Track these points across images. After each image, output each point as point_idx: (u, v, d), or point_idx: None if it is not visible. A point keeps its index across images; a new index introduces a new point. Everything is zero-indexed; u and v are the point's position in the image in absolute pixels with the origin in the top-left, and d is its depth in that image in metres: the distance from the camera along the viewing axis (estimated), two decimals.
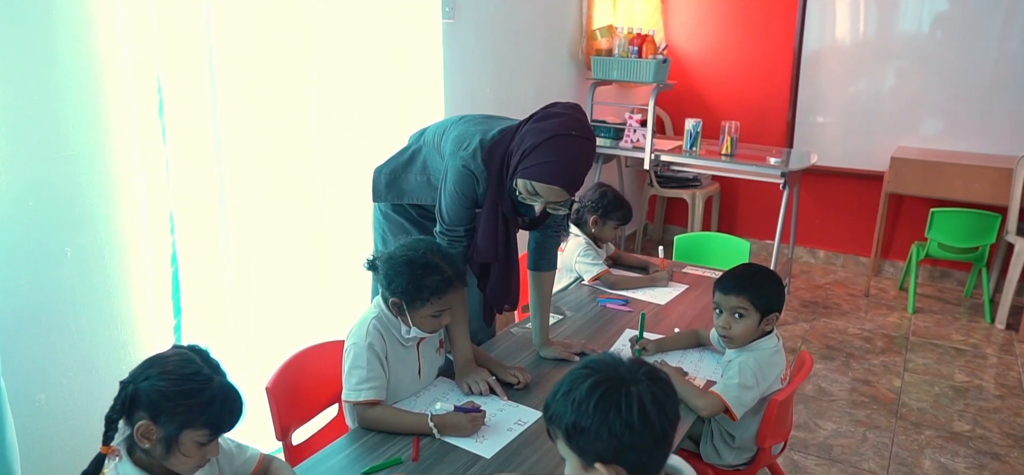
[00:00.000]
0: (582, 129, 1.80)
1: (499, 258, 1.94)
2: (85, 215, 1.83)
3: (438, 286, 1.71)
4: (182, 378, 1.25)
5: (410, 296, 1.72)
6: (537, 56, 3.82)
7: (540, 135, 1.77)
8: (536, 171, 1.75)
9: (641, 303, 2.58)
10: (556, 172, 1.74)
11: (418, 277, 1.71)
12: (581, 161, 1.78)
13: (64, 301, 1.82)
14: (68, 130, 1.77)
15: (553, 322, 2.39)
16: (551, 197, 1.78)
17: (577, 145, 1.77)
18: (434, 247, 1.77)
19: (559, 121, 1.79)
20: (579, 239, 2.80)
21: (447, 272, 1.73)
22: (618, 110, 4.53)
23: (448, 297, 1.74)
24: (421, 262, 1.72)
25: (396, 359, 1.82)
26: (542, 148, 1.75)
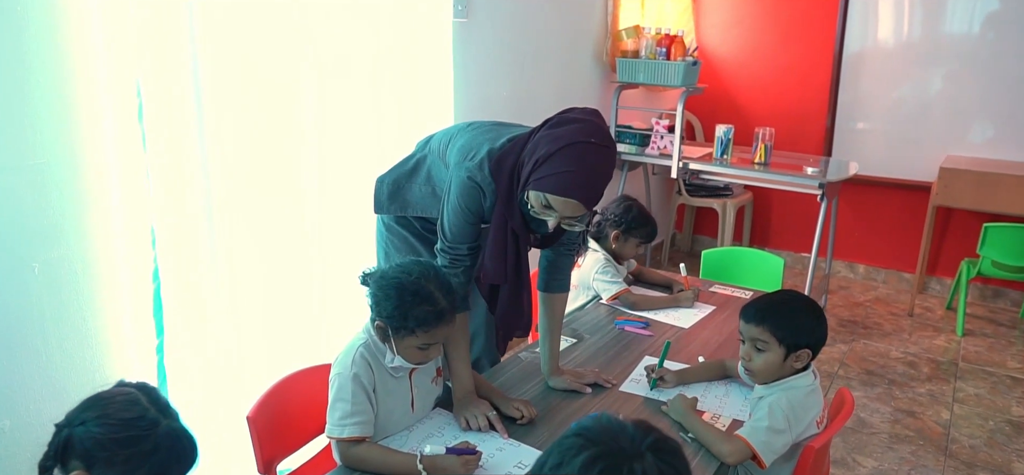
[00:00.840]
0: (602, 137, 1.61)
1: (508, 279, 1.75)
2: (55, 228, 1.70)
3: (426, 318, 1.54)
4: (122, 423, 1.10)
5: (396, 323, 1.56)
6: (558, 58, 3.63)
7: (555, 143, 1.58)
8: (550, 182, 1.57)
9: (663, 325, 2.37)
10: (572, 184, 1.56)
11: (406, 305, 1.54)
12: (600, 172, 1.60)
13: (31, 320, 1.69)
14: (36, 136, 1.64)
15: (566, 346, 2.20)
16: (566, 212, 1.60)
17: (596, 154, 1.58)
18: (431, 272, 1.60)
19: (576, 128, 1.60)
20: (598, 255, 2.61)
21: (440, 304, 1.56)
22: (645, 115, 4.32)
23: (437, 331, 1.57)
24: (412, 289, 1.55)
25: (386, 391, 1.66)
26: (557, 157, 1.57)
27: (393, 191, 2.02)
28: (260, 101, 2.08)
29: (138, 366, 1.91)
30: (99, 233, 1.78)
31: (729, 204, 4.58)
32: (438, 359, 1.79)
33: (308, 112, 2.23)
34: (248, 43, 2.02)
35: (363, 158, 2.40)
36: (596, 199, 1.61)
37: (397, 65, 2.53)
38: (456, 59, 2.85)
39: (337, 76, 2.31)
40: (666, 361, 2.01)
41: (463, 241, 1.76)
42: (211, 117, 1.95)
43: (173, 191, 1.89)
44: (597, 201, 1.63)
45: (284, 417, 1.79)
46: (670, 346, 2.00)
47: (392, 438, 1.68)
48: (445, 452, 1.52)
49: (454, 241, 1.76)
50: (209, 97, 1.93)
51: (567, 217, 1.61)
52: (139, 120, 1.78)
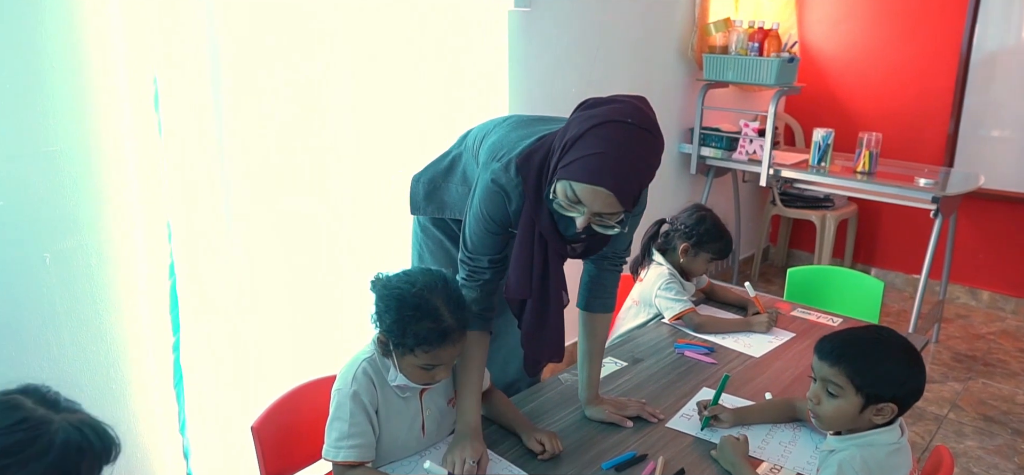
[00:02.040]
0: (641, 118, 1.35)
1: (533, 293, 1.53)
2: (68, 217, 1.64)
3: (427, 336, 1.36)
4: (3, 431, 0.99)
5: (396, 338, 1.39)
6: (635, 52, 3.36)
7: (585, 123, 1.35)
8: (576, 168, 1.33)
9: (730, 353, 2.08)
10: (600, 168, 1.30)
11: (406, 319, 1.37)
12: (637, 158, 1.33)
13: (42, 313, 1.64)
14: (50, 123, 1.59)
15: (613, 370, 1.97)
16: (595, 205, 1.34)
17: (633, 136, 1.32)
18: (439, 284, 1.41)
19: (611, 108, 1.36)
20: (663, 269, 2.34)
21: (445, 321, 1.37)
22: (735, 117, 3.97)
23: (441, 351, 1.39)
24: (413, 301, 1.37)
25: (392, 411, 1.49)
26: (586, 138, 1.33)
27: (429, 191, 1.85)
28: (287, 93, 1.97)
29: (154, 366, 1.84)
30: (115, 225, 1.72)
31: (829, 217, 4.14)
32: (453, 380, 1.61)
33: (341, 105, 2.10)
34: (274, 29, 1.91)
35: (401, 156, 2.24)
36: (632, 191, 1.35)
37: (443, 56, 2.37)
38: (513, 51, 2.65)
39: (374, 66, 2.17)
40: (725, 396, 1.73)
41: (484, 252, 1.55)
42: (231, 108, 1.85)
43: (191, 184, 1.80)
44: (634, 195, 1.36)
45: (292, 430, 1.66)
46: (728, 380, 1.72)
47: (399, 464, 1.51)
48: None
49: (474, 252, 1.56)
50: (229, 87, 1.84)
51: (598, 214, 1.36)
52: (156, 109, 1.70)
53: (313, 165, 2.07)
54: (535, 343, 1.61)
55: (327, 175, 2.11)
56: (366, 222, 2.25)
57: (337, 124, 2.11)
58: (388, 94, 2.23)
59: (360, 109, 2.17)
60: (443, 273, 1.46)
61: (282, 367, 2.06)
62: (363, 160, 2.19)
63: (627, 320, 2.45)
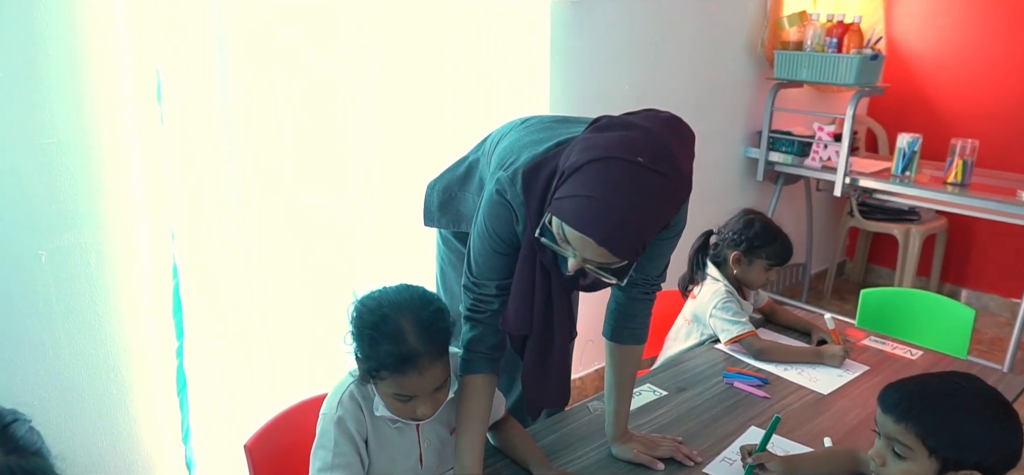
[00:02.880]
0: (655, 158, 1.10)
1: (533, 329, 1.33)
2: (65, 213, 1.56)
3: (389, 360, 1.18)
4: None
5: (365, 363, 1.23)
6: (698, 47, 3.10)
7: (586, 152, 1.14)
8: (566, 207, 1.13)
9: (788, 386, 1.83)
10: (590, 216, 1.09)
11: (370, 339, 1.21)
12: (641, 207, 1.09)
13: (37, 312, 1.57)
14: (47, 113, 1.51)
15: (651, 399, 1.76)
16: (586, 253, 1.14)
17: (639, 180, 1.09)
18: (415, 303, 1.23)
19: (622, 137, 1.13)
20: (718, 286, 2.10)
21: (408, 345, 1.18)
22: (809, 120, 3.64)
23: (408, 380, 1.21)
24: (372, 321, 1.20)
25: (384, 441, 1.33)
26: (582, 174, 1.12)
27: (444, 200, 1.68)
28: (303, 86, 1.84)
29: (158, 370, 1.75)
30: (115, 222, 1.63)
31: (914, 231, 3.75)
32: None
33: (361, 102, 1.96)
34: (290, 18, 1.78)
35: (426, 159, 2.07)
36: (629, 246, 1.11)
37: (476, 50, 2.19)
38: (556, 45, 2.45)
39: (398, 60, 2.01)
40: (776, 437, 1.50)
41: (491, 277, 1.34)
42: (239, 101, 1.74)
43: (195, 182, 1.70)
44: (634, 248, 1.12)
45: (288, 451, 1.53)
46: (779, 422, 1.48)
47: None
48: None
49: (480, 276, 1.35)
50: (238, 78, 1.72)
51: (589, 260, 1.16)
52: (157, 100, 1.60)
53: (329, 165, 1.94)
54: (535, 386, 1.41)
55: (344, 176, 1.97)
56: (386, 229, 2.10)
57: (357, 122, 1.97)
58: (413, 91, 2.07)
59: (382, 106, 2.02)
60: (423, 292, 1.27)
61: (292, 376, 1.94)
62: (384, 162, 2.05)
63: (677, 341, 2.22)
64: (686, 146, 1.18)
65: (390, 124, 2.04)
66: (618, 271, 1.20)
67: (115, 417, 1.71)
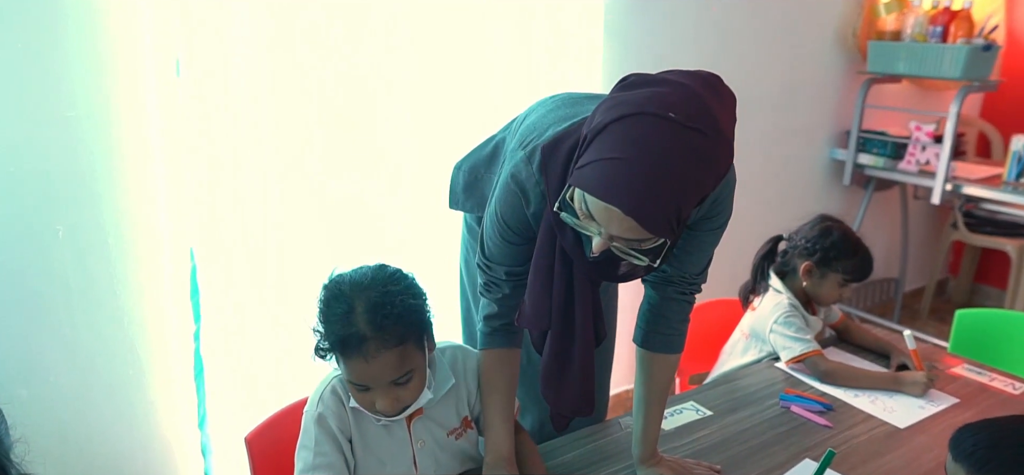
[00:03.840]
0: (692, 112, 0.94)
1: (553, 325, 1.18)
2: (84, 189, 1.54)
3: (333, 340, 1.09)
4: None
5: (324, 343, 1.13)
6: (781, 37, 2.83)
7: (612, 111, 0.97)
8: (588, 174, 0.97)
9: (855, 414, 1.60)
10: (615, 180, 0.93)
11: (323, 316, 1.12)
12: (676, 170, 0.93)
13: (54, 288, 1.55)
14: (68, 86, 1.49)
15: (694, 419, 1.57)
16: (612, 228, 0.97)
17: (673, 138, 0.92)
18: (379, 282, 1.12)
19: (653, 93, 0.96)
20: (781, 298, 1.87)
21: (352, 326, 1.07)
22: (906, 118, 3.28)
23: (354, 364, 1.10)
24: (327, 297, 1.12)
25: (370, 439, 1.22)
26: (607, 134, 0.96)
27: (470, 182, 1.55)
28: (331, 66, 1.76)
29: (175, 354, 1.71)
30: (134, 201, 1.60)
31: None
32: (463, 406, 1.30)
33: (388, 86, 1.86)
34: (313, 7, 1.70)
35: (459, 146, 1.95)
36: (661, 217, 0.94)
37: (521, 37, 2.04)
38: (611, 29, 2.26)
39: (433, 41, 1.89)
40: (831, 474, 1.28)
41: (500, 262, 1.22)
42: (263, 82, 1.67)
43: (214, 164, 1.65)
44: (668, 221, 0.95)
45: (289, 446, 1.44)
46: (833, 457, 1.26)
47: None
48: None
49: (491, 259, 1.24)
50: (262, 58, 1.65)
51: (616, 237, 0.99)
52: (177, 73, 1.55)
53: (354, 149, 1.85)
54: (556, 390, 1.26)
55: (369, 161, 1.87)
56: (414, 215, 1.99)
57: (388, 104, 1.87)
58: (452, 74, 1.95)
59: (418, 90, 1.91)
60: (394, 273, 1.15)
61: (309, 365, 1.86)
62: (413, 146, 1.94)
63: (733, 356, 2.01)
64: (726, 107, 1.00)
65: (426, 108, 1.93)
66: (651, 252, 1.02)
67: (133, 399, 1.68)
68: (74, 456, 1.62)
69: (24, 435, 0.98)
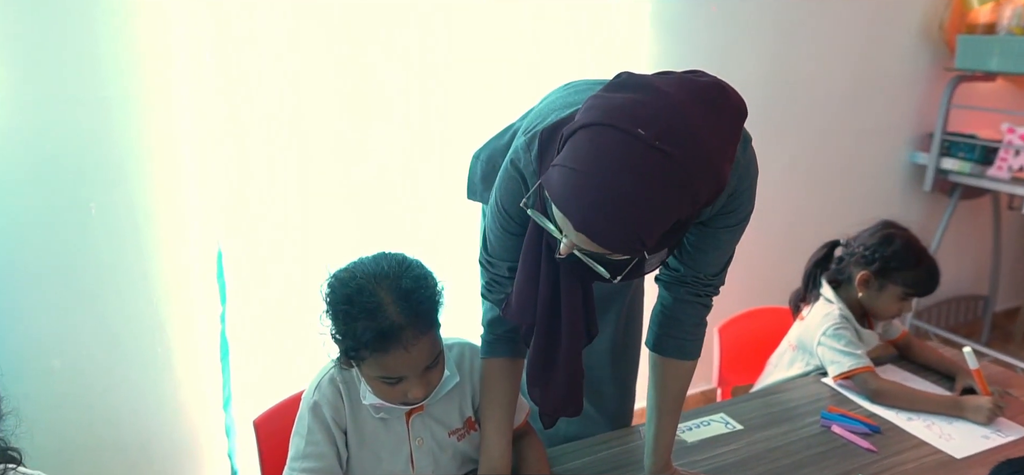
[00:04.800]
0: (665, 133, 0.84)
1: (537, 320, 1.12)
2: (115, 169, 1.59)
3: (368, 338, 1.03)
4: None
5: (343, 344, 1.09)
6: (856, 29, 2.63)
7: (585, 114, 0.91)
8: (551, 177, 0.91)
9: (906, 439, 1.45)
10: (568, 191, 0.88)
11: (345, 316, 1.06)
12: (628, 192, 0.85)
13: (86, 263, 1.60)
14: (102, 68, 1.53)
15: (722, 432, 1.46)
16: (570, 235, 0.92)
17: (635, 158, 0.84)
18: (393, 270, 1.08)
19: (629, 101, 0.88)
20: (832, 309, 1.72)
21: (387, 319, 1.03)
22: (998, 120, 2.99)
23: (391, 359, 1.05)
24: (346, 295, 1.06)
25: (366, 434, 1.19)
26: (573, 140, 0.90)
27: (487, 171, 1.49)
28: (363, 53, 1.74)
29: (202, 335, 1.74)
30: (163, 183, 1.63)
31: None
32: (467, 405, 1.25)
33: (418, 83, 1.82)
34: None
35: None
36: (613, 236, 0.87)
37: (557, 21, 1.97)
38: (658, 16, 2.15)
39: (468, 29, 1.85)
40: None
41: (503, 256, 1.16)
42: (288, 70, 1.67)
43: (240, 152, 1.66)
44: (621, 242, 0.88)
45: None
46: None
47: None
48: None
49: (493, 254, 1.18)
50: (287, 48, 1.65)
51: (578, 246, 0.93)
52: (206, 60, 1.57)
53: (380, 138, 1.82)
54: (540, 388, 1.19)
55: (394, 151, 1.84)
56: (437, 205, 1.94)
57: (411, 97, 1.83)
58: (486, 62, 1.89)
59: (444, 78, 1.86)
60: (402, 258, 1.12)
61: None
62: (439, 136, 1.89)
63: (778, 369, 1.87)
64: (721, 124, 0.90)
65: (457, 100, 1.89)
66: (613, 265, 0.96)
67: (160, 377, 1.72)
68: (103, 430, 1.67)
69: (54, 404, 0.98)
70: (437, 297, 1.11)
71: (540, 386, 1.17)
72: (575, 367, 1.14)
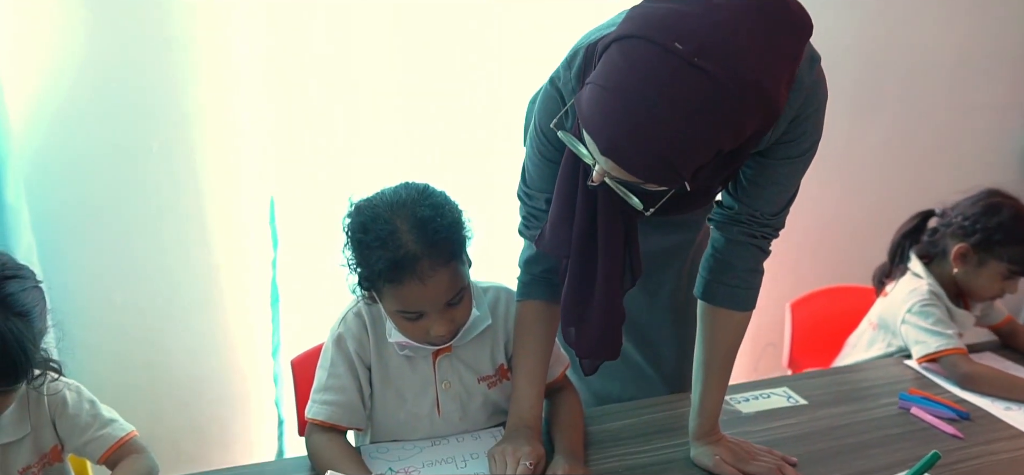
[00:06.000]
0: (706, 49, 0.75)
1: (572, 253, 1.03)
2: (177, 110, 1.61)
3: (382, 266, 0.99)
4: None
5: (360, 275, 1.05)
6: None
7: (622, 26, 0.82)
8: (582, 96, 0.83)
9: (999, 427, 1.28)
10: (596, 111, 0.80)
11: (360, 244, 1.02)
12: (661, 114, 0.76)
13: (147, 200, 1.64)
14: (167, 10, 1.56)
15: (784, 405, 1.34)
16: (600, 160, 0.84)
17: (668, 75, 0.75)
18: (413, 198, 1.03)
19: (671, 12, 0.78)
20: (920, 284, 1.56)
21: (401, 247, 0.98)
22: None
23: (407, 291, 1.00)
24: (362, 222, 1.02)
25: (390, 371, 1.14)
26: (606, 56, 0.82)
27: None
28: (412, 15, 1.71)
29: (256, 279, 1.75)
30: (222, 124, 1.65)
31: None
32: (500, 351, 1.18)
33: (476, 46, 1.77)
34: None
35: None
36: (642, 163, 0.79)
37: None
38: None
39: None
40: None
41: (541, 187, 1.08)
42: (342, 24, 1.65)
43: (293, 102, 1.66)
44: (650, 169, 0.80)
45: None
46: (937, 460, 0.99)
47: (397, 448, 1.15)
48: None
49: (531, 185, 1.11)
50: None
51: (609, 172, 0.84)
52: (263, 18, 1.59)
53: (435, 96, 1.77)
54: (574, 326, 1.10)
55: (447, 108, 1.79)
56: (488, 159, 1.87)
57: (467, 51, 1.78)
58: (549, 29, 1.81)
59: (500, 34, 1.80)
60: (425, 187, 1.06)
61: None
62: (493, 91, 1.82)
63: (858, 349, 1.71)
64: (777, 42, 0.78)
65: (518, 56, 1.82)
66: (647, 197, 0.88)
67: (214, 320, 1.74)
68: (159, 368, 1.71)
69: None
70: (458, 228, 1.05)
71: (574, 325, 1.09)
72: (612, 307, 1.05)
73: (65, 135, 1.55)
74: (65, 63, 1.51)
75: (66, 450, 1.06)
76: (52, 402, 1.03)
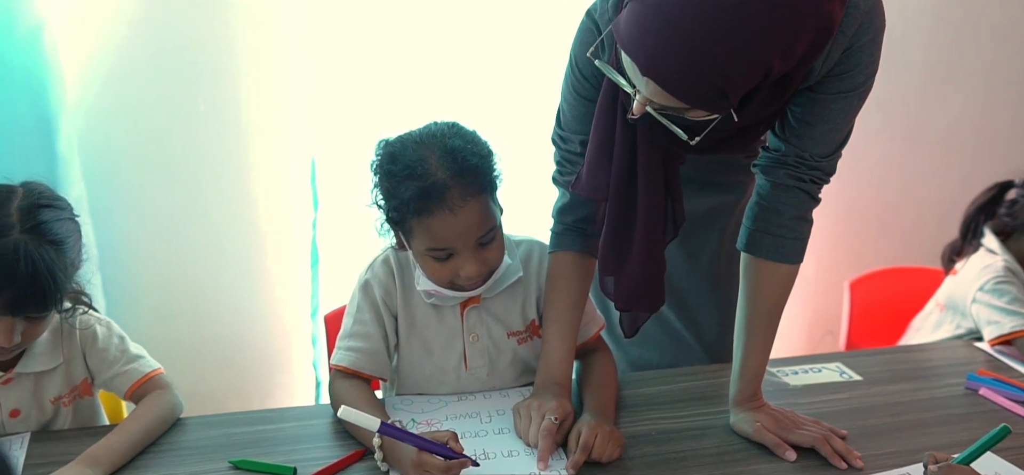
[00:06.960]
0: None
1: (611, 196, 0.98)
2: (225, 68, 1.62)
3: (410, 196, 0.96)
4: None
5: (387, 210, 1.02)
6: None
7: None
8: (621, 19, 0.79)
9: None
10: (636, 29, 0.76)
11: (388, 175, 1.00)
12: (707, 26, 0.72)
13: (194, 158, 1.66)
14: None
15: (836, 380, 1.25)
16: (641, 87, 0.79)
17: None
18: (443, 132, 1.00)
19: None
20: (994, 260, 1.44)
21: (430, 176, 0.96)
22: None
23: (435, 222, 0.97)
24: (390, 153, 1.00)
25: (417, 319, 1.12)
26: None
27: None
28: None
29: (297, 239, 1.75)
30: (268, 83, 1.65)
31: None
32: (532, 306, 1.14)
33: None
34: None
35: None
36: (683, 82, 0.75)
37: None
38: None
39: None
40: (996, 460, 0.92)
41: (576, 129, 1.04)
42: None
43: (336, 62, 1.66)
44: (693, 90, 0.75)
45: None
46: (1007, 434, 0.89)
47: (421, 400, 1.12)
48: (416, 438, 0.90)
49: (566, 127, 1.06)
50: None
51: (651, 100, 0.79)
52: None
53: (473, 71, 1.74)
54: (612, 275, 1.04)
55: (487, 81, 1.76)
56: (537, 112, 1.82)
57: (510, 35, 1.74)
58: None
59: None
60: (454, 123, 1.03)
61: None
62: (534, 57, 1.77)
63: (922, 332, 1.61)
64: None
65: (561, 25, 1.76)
66: (692, 127, 0.82)
67: (255, 279, 1.76)
68: (204, 324, 1.73)
69: None
70: (489, 159, 1.01)
71: (612, 273, 1.03)
72: (653, 255, 1.00)
73: (116, 92, 1.58)
74: (117, 20, 1.54)
75: (96, 384, 1.08)
76: (83, 335, 1.04)
